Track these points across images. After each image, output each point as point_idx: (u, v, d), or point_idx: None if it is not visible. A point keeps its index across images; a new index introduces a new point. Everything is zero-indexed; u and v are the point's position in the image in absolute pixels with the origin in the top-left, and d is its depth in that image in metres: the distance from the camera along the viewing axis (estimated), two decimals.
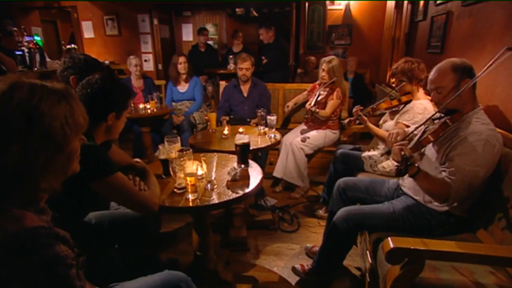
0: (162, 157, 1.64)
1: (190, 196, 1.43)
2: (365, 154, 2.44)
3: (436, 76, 1.58)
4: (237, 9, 7.34)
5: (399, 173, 1.41)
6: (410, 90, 2.28)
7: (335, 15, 5.32)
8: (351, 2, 5.15)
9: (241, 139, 1.75)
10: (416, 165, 1.44)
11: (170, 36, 6.30)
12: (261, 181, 1.62)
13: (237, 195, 1.46)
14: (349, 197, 1.99)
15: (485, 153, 1.42)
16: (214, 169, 1.53)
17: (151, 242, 2.22)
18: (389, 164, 2.31)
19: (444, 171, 1.48)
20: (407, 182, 1.77)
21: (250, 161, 1.83)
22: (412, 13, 3.67)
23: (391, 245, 1.21)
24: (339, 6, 5.26)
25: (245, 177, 1.65)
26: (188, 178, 1.40)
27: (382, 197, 1.90)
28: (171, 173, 1.54)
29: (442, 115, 1.62)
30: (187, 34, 6.48)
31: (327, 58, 2.93)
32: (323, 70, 2.93)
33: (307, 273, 1.93)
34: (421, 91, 2.30)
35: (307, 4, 5.30)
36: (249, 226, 2.52)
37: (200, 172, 1.59)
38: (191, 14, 6.54)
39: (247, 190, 1.51)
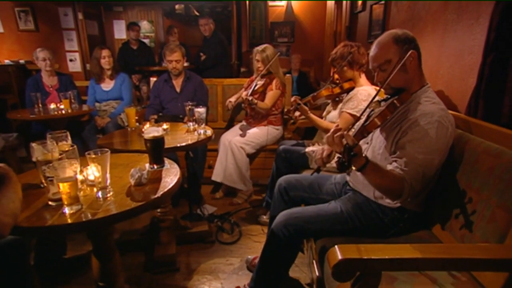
0: (35, 159, 1.20)
1: (67, 210, 1.02)
2: (309, 149, 2.18)
3: (378, 51, 1.36)
4: (176, 6, 6.90)
5: (341, 166, 1.12)
6: (351, 76, 2.09)
7: (277, 12, 5.17)
8: None
9: (151, 132, 1.37)
10: (364, 155, 1.18)
11: (99, 33, 5.66)
12: (177, 184, 1.26)
13: (138, 204, 1.08)
14: (292, 198, 1.70)
15: (439, 137, 1.21)
16: (107, 172, 1.14)
17: (37, 272, 1.74)
18: (320, 147, 2.08)
19: (396, 161, 1.25)
20: (354, 176, 1.52)
21: (168, 161, 1.46)
22: (352, 5, 3.58)
23: (339, 256, 0.92)
24: (280, 2, 5.12)
25: (155, 180, 1.27)
26: (61, 186, 0.99)
27: (328, 195, 1.64)
28: (42, 180, 1.11)
29: (389, 96, 1.41)
30: (120, 31, 5.88)
31: (259, 48, 2.66)
32: (258, 60, 2.66)
33: None
34: (363, 77, 2.12)
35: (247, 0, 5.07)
36: (180, 240, 2.12)
37: (91, 177, 1.19)
38: (123, 10, 5.96)
39: (153, 196, 1.14)
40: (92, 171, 1.15)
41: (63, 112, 2.86)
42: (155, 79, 3.29)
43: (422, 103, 1.30)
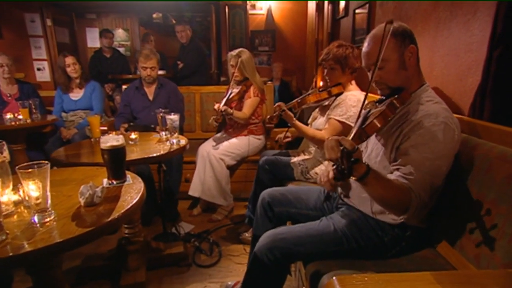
0: None
1: None
2: (295, 159, 2.01)
3: (373, 47, 1.21)
4: (154, 15, 6.70)
5: (341, 175, 0.93)
6: (341, 80, 1.93)
7: (257, 20, 5.06)
8: (272, 6, 4.94)
9: (108, 141, 1.14)
10: (364, 162, 0.99)
11: (71, 41, 5.36)
12: (139, 202, 1.04)
13: (84, 230, 0.85)
14: (277, 214, 1.50)
15: (446, 140, 1.05)
16: (48, 190, 0.91)
17: None
18: (324, 169, 1.90)
19: (398, 169, 1.08)
20: (347, 188, 1.34)
21: (131, 175, 1.23)
22: (334, 11, 3.49)
23: None
24: (261, 10, 5.01)
25: (112, 199, 1.04)
26: None
27: (318, 210, 1.46)
28: None
29: (383, 97, 1.25)
30: (93, 39, 5.60)
31: (234, 52, 2.47)
32: (232, 66, 2.46)
33: None
34: (353, 83, 1.97)
35: (227, 8, 4.94)
36: (152, 265, 1.87)
37: (31, 197, 0.95)
38: (97, 17, 5.70)
39: (107, 220, 0.91)
40: (28, 190, 0.91)
41: (21, 122, 2.57)
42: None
43: (423, 103, 1.14)
